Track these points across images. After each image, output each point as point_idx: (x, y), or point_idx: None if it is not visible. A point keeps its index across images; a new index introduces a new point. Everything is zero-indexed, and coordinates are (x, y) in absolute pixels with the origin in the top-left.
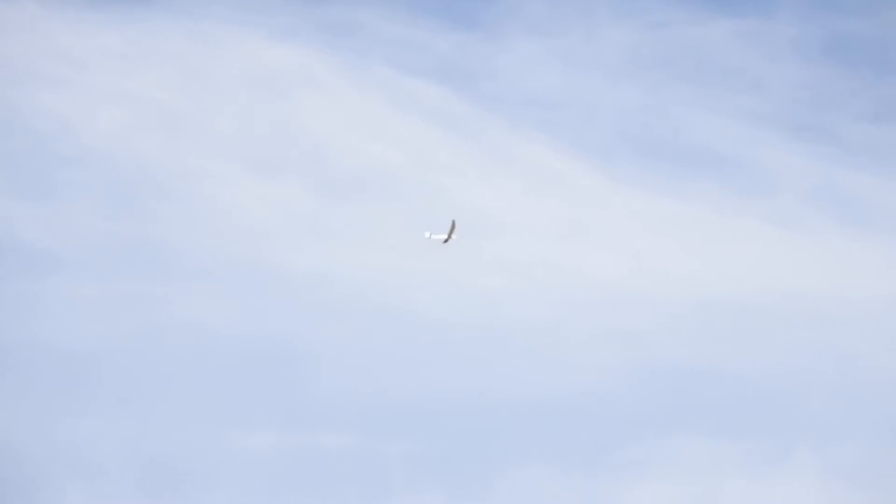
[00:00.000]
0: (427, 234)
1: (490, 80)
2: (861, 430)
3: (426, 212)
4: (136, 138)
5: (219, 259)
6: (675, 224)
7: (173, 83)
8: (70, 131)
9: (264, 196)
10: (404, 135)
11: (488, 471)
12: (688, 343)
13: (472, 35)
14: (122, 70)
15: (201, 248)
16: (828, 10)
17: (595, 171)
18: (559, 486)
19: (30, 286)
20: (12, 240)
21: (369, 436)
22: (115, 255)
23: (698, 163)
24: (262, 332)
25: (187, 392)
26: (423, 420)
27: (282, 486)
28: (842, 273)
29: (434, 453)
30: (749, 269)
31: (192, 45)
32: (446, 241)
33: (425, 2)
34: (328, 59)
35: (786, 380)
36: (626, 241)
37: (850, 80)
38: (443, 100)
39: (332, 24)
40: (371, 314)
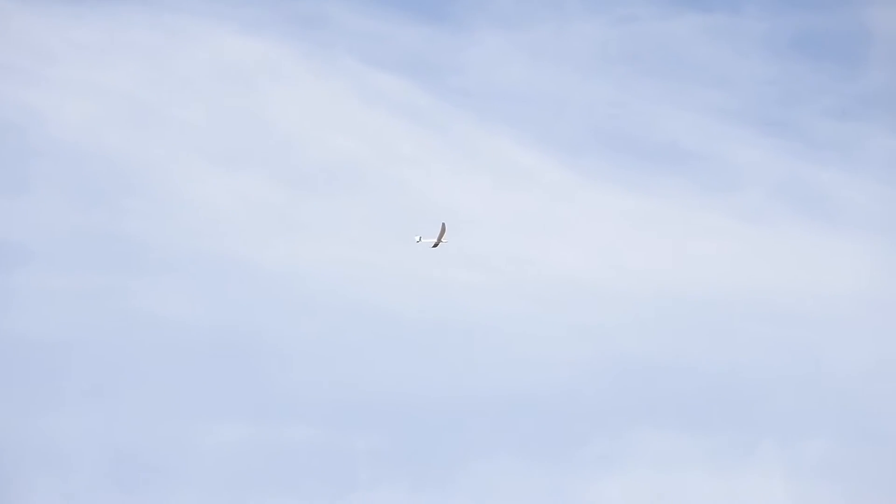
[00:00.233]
0: (417, 238)
1: (457, 73)
2: (826, 426)
3: (393, 205)
4: (106, 131)
5: (187, 252)
6: (642, 219)
7: (142, 76)
8: (39, 124)
9: (232, 188)
10: (371, 128)
11: (456, 465)
12: (655, 338)
13: (439, 28)
14: (92, 63)
15: (170, 240)
16: (796, 5)
17: (563, 166)
18: (526, 481)
19: None
20: None
21: (337, 429)
22: (84, 248)
23: (666, 158)
24: (231, 326)
25: (156, 385)
26: (391, 414)
27: (250, 480)
28: (808, 269)
29: (402, 447)
30: (716, 265)
31: (160, 38)
32: (436, 244)
33: None
34: (295, 52)
35: (752, 375)
36: (593, 236)
37: (818, 76)
38: (410, 93)
39: (300, 16)
40: (338, 308)
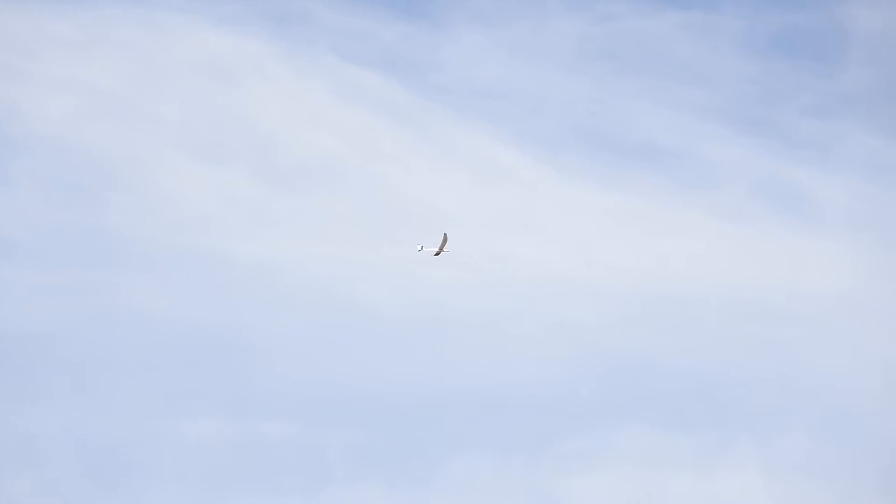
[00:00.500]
0: (419, 247)
1: (437, 70)
2: (806, 425)
3: (372, 202)
4: (86, 126)
5: (166, 247)
6: (621, 216)
7: (123, 71)
8: (20, 119)
9: (212, 184)
10: (350, 125)
11: (432, 461)
12: (633, 335)
13: (418, 25)
14: (72, 58)
15: (150, 236)
16: (775, 4)
17: (541, 163)
18: (503, 477)
19: None
20: None
21: (312, 425)
22: (64, 243)
23: (645, 155)
24: (210, 322)
25: (135, 380)
26: (367, 410)
27: (228, 476)
28: (786, 267)
29: (377, 444)
30: (694, 263)
31: (141, 34)
32: (437, 253)
33: None
34: (275, 48)
35: (729, 373)
36: (572, 234)
37: (797, 75)
38: (389, 90)
39: (280, 13)
40: (317, 304)
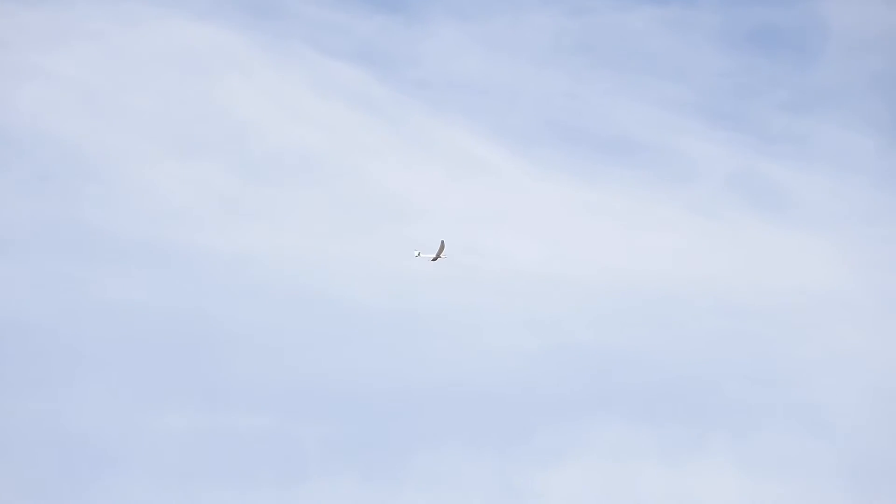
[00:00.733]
0: (416, 253)
1: (413, 64)
2: (778, 420)
3: (348, 195)
4: (58, 118)
5: (139, 239)
6: (595, 210)
7: (95, 62)
8: None
9: (185, 176)
10: (326, 118)
11: (405, 455)
12: (606, 330)
13: (395, 18)
14: (44, 49)
15: (121, 227)
16: None
17: (517, 157)
18: (477, 470)
19: None
20: None
21: (286, 418)
22: (36, 235)
23: (620, 149)
24: (182, 313)
25: (108, 372)
26: (341, 403)
27: (199, 468)
28: (760, 262)
29: (351, 437)
30: (669, 257)
31: (113, 25)
32: (435, 259)
33: None
34: (251, 41)
35: (703, 367)
36: (547, 227)
37: (772, 69)
38: (366, 83)
39: (256, 5)
40: (291, 296)
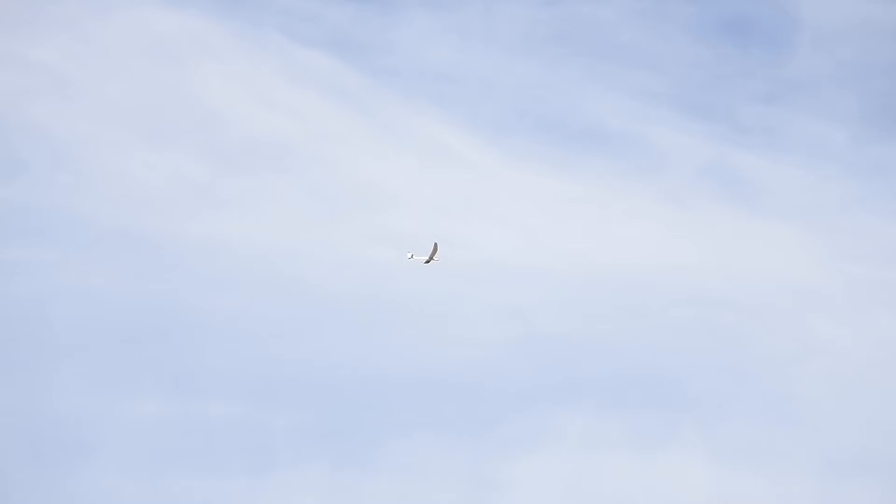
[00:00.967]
0: (409, 255)
1: (385, 52)
2: (747, 409)
3: (318, 183)
4: (29, 104)
5: (111, 226)
6: (567, 200)
7: (68, 50)
8: None
9: (157, 164)
10: (297, 106)
11: (375, 443)
12: (576, 319)
13: (367, 7)
14: (15, 35)
15: (94, 215)
16: None
17: (490, 146)
18: (447, 460)
19: None
20: None
21: (256, 405)
22: (5, 221)
23: (593, 139)
24: (153, 301)
25: (78, 359)
26: (313, 391)
27: (169, 455)
28: (732, 252)
29: (323, 425)
30: (640, 247)
31: (85, 11)
32: (428, 261)
33: None
34: (223, 28)
35: (673, 357)
36: (519, 217)
37: (745, 61)
38: (338, 71)
39: None
40: (262, 284)
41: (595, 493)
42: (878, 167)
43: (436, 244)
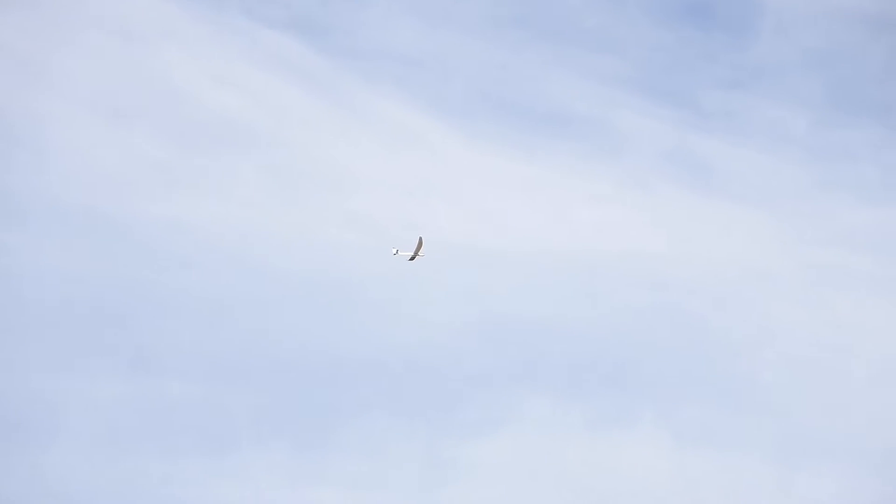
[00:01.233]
0: (394, 251)
1: (348, 34)
2: (706, 392)
3: (281, 165)
4: None
5: (71, 205)
6: (529, 183)
7: (29, 28)
8: None
9: (119, 144)
10: (260, 87)
11: (334, 424)
12: (537, 303)
13: None
14: None
15: (51, 195)
16: None
17: (452, 129)
18: (405, 441)
19: None
20: None
21: (216, 386)
22: None
23: (554, 123)
24: (113, 281)
25: (36, 340)
26: (273, 371)
27: (130, 435)
28: (693, 236)
29: (281, 405)
30: (601, 231)
31: None
32: (412, 258)
33: None
34: (186, 9)
35: (633, 340)
36: (480, 200)
37: (708, 45)
38: (300, 53)
39: None
40: (222, 266)
41: (554, 476)
42: (840, 152)
43: (420, 239)
